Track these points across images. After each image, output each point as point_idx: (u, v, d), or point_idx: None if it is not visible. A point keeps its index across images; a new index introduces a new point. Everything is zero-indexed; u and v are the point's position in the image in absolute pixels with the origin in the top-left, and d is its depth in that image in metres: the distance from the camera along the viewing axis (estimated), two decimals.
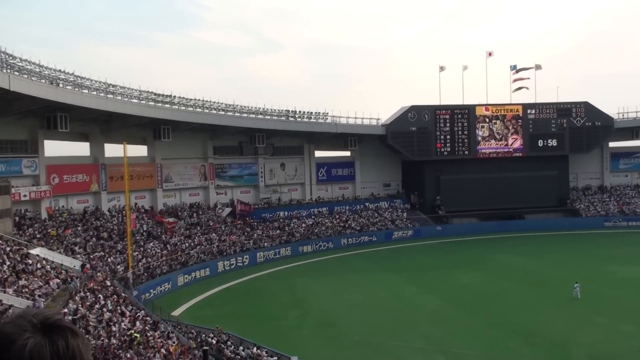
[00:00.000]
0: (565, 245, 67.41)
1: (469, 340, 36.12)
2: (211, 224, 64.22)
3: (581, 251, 63.78)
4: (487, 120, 79.82)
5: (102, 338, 28.10)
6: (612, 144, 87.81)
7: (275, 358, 31.23)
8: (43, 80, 45.90)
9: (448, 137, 78.51)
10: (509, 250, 65.23)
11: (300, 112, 72.48)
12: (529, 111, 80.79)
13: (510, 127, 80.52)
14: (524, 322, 39.12)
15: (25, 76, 43.55)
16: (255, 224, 67.86)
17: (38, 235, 46.50)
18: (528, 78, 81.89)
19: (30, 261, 38.32)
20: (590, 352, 33.37)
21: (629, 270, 51.92)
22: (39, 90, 43.45)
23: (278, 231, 67.88)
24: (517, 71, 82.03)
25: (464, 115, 79.05)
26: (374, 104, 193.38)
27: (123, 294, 39.00)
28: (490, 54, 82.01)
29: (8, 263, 36.26)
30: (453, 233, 75.53)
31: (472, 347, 34.77)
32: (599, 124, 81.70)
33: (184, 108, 61.84)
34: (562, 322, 38.70)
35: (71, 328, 1.80)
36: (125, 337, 29.66)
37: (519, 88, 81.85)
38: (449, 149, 78.65)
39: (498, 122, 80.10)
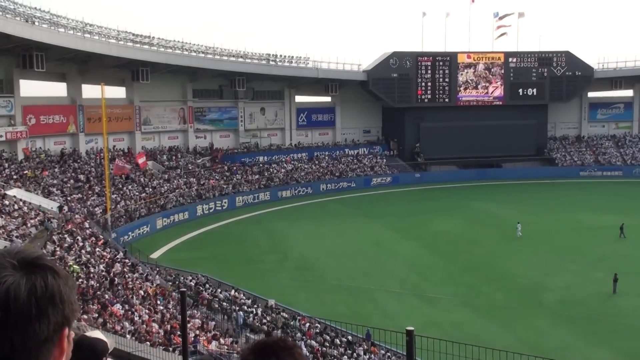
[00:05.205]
0: (541, 194, 68.27)
1: (443, 285, 36.90)
2: (190, 168, 64.04)
3: (556, 199, 64.61)
4: (468, 68, 79.58)
5: (80, 279, 28.26)
6: (591, 94, 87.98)
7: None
8: (18, 18, 44.75)
9: (429, 84, 78.23)
10: (486, 197, 65.91)
11: (281, 56, 71.61)
12: (510, 59, 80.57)
13: (491, 76, 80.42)
14: (498, 268, 39.98)
15: (0, 13, 42.43)
16: (235, 168, 67.73)
17: (15, 177, 46.09)
18: (510, 25, 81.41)
19: (7, 202, 38.13)
20: (561, 297, 34.29)
21: (601, 219, 52.79)
22: (14, 28, 42.44)
23: (257, 176, 67.86)
24: (500, 18, 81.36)
25: (446, 62, 78.66)
26: (355, 50, 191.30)
27: (101, 236, 39.06)
28: (473, 0, 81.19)
29: None
30: (431, 180, 75.98)
31: (447, 291, 35.56)
32: (579, 73, 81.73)
33: (163, 49, 60.77)
34: (535, 268, 39.61)
35: (52, 267, 1.72)
36: (102, 279, 29.89)
37: (501, 35, 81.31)
38: (429, 96, 78.47)
39: (479, 70, 79.89)
